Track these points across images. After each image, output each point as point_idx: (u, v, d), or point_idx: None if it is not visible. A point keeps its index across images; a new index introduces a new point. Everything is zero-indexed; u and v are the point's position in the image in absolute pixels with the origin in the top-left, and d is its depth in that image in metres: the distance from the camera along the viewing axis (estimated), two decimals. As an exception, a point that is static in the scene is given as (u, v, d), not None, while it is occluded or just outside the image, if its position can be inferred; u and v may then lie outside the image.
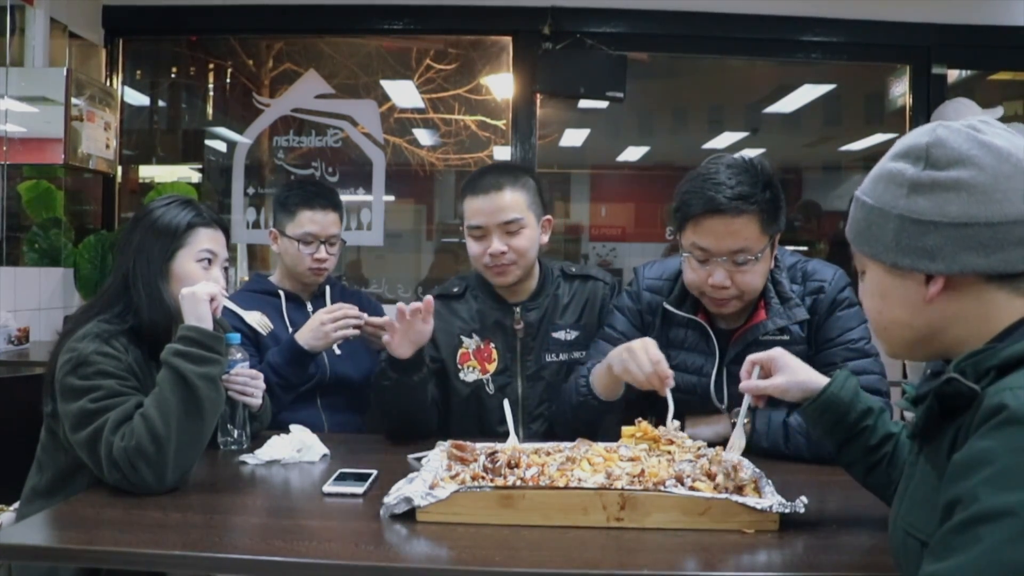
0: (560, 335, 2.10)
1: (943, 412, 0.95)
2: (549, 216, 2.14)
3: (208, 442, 1.59)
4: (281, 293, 2.38)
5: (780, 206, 1.76)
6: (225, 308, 1.73)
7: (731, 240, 1.71)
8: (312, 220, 2.33)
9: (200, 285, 1.64)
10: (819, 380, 1.35)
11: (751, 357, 1.43)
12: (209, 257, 1.74)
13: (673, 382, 1.67)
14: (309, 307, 2.40)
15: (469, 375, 2.09)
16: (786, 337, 1.82)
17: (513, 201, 2.03)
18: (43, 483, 1.67)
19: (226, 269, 1.80)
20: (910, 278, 1.00)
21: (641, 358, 1.68)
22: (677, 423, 1.63)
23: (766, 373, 1.41)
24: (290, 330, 2.30)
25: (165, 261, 1.71)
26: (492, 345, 2.10)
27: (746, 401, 1.44)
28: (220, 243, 1.78)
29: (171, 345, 1.56)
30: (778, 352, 1.41)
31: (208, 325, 1.60)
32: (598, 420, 1.89)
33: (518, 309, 2.10)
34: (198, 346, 1.55)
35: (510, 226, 2.02)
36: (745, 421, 1.47)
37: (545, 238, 2.13)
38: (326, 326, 2.14)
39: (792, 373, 1.37)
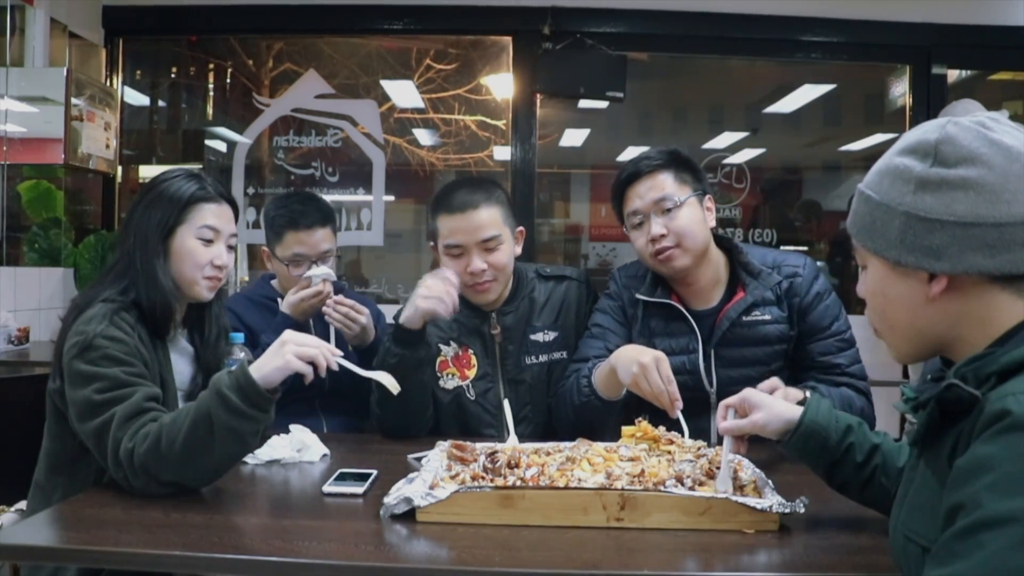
0: (538, 337, 2.10)
1: (943, 418, 0.95)
2: (521, 227, 2.13)
3: (218, 479, 1.52)
4: (279, 301, 2.32)
5: (694, 168, 2.00)
6: (343, 367, 1.53)
7: (652, 193, 1.93)
8: (299, 241, 2.24)
9: (301, 348, 1.45)
10: (795, 410, 1.34)
11: (724, 402, 1.44)
12: (211, 235, 1.69)
13: (681, 404, 1.70)
14: None
15: (449, 382, 2.08)
16: (767, 317, 1.94)
17: (490, 218, 2.01)
18: (44, 471, 1.67)
19: (233, 247, 1.75)
20: (913, 276, 0.98)
21: (654, 376, 1.70)
22: (692, 443, 1.62)
23: (742, 413, 1.40)
24: None
25: (163, 238, 1.66)
26: (470, 351, 2.10)
27: (727, 444, 1.41)
28: (226, 218, 1.73)
29: (220, 379, 1.44)
30: (748, 392, 1.41)
31: (270, 383, 1.44)
32: (600, 420, 1.90)
33: (494, 314, 2.10)
34: (242, 397, 1.41)
35: (488, 243, 2.00)
36: (731, 459, 1.42)
37: (518, 249, 2.12)
38: (305, 303, 2.18)
39: (768, 408, 1.37)
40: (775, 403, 1.39)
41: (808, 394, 1.72)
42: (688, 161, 2.00)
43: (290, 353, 1.44)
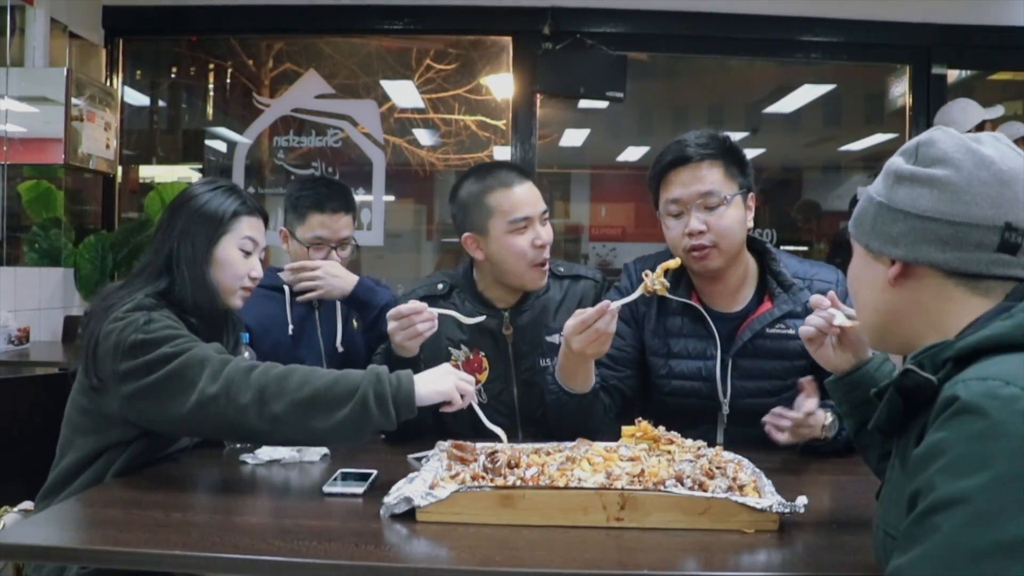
0: (554, 339, 2.00)
1: (909, 408, 0.98)
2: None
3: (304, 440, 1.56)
4: (286, 288, 2.33)
5: (743, 160, 1.90)
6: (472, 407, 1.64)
7: (699, 184, 1.83)
8: (323, 224, 2.27)
9: (462, 383, 1.56)
10: (867, 351, 1.36)
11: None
12: (251, 247, 1.75)
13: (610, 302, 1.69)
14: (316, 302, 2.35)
15: None
16: (792, 332, 1.83)
17: (539, 195, 2.01)
18: (56, 476, 1.66)
19: (263, 259, 1.81)
20: (880, 261, 1.06)
21: (574, 321, 1.68)
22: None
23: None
24: (291, 327, 2.29)
25: (210, 246, 1.71)
26: (482, 354, 2.03)
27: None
28: (260, 231, 1.79)
29: (382, 368, 1.51)
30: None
31: (423, 400, 1.50)
32: (581, 417, 1.83)
33: (507, 314, 2.03)
34: (395, 392, 1.47)
35: (543, 216, 1.99)
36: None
37: None
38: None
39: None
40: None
41: (829, 419, 1.69)
42: (738, 151, 1.90)
43: (452, 385, 1.54)
